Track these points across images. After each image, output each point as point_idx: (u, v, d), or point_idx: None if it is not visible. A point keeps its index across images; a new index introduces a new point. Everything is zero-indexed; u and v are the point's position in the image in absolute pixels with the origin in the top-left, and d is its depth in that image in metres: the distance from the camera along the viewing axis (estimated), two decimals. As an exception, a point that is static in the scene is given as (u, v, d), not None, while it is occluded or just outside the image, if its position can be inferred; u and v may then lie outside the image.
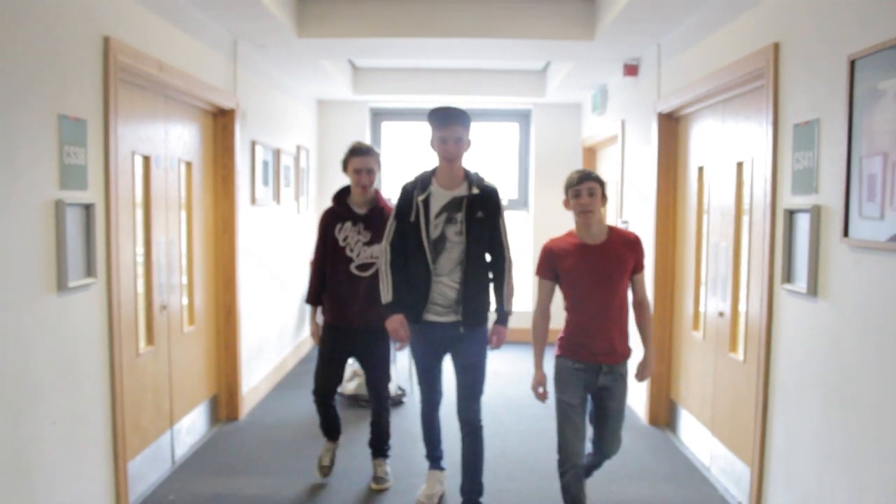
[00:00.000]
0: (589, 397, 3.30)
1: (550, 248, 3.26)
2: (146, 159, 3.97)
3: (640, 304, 3.34)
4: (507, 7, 5.06)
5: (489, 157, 8.50)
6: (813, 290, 2.93)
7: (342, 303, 3.93)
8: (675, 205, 5.02)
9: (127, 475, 3.53)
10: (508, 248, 3.58)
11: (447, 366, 3.75)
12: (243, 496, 3.93)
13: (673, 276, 5.06)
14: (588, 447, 3.41)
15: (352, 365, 5.68)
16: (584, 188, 3.15)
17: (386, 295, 3.56)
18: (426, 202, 3.48)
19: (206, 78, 4.55)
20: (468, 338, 3.53)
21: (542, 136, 8.29)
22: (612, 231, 3.24)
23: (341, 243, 3.91)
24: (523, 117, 8.51)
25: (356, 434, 4.88)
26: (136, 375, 3.84)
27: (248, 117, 5.44)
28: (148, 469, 4.01)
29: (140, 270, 3.93)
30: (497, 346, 3.64)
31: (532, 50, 5.56)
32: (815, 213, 2.89)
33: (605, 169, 7.22)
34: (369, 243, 3.90)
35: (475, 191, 3.48)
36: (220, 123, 5.06)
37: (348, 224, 3.93)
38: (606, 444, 3.38)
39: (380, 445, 4.14)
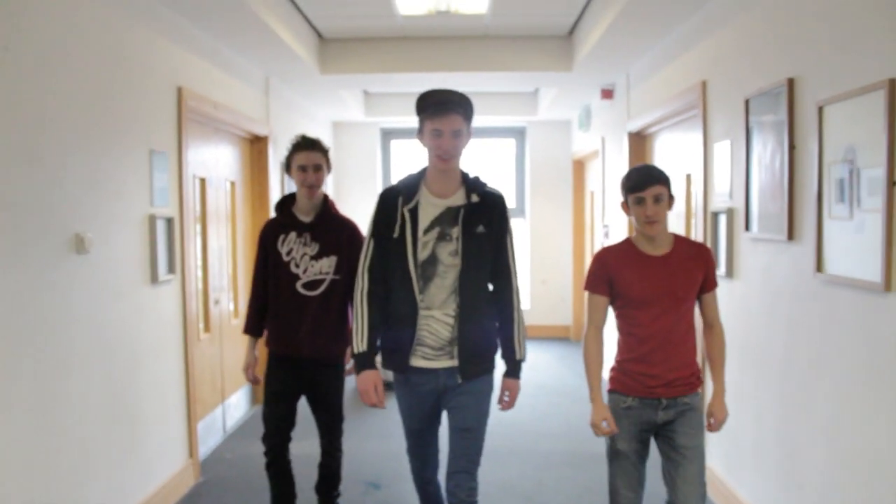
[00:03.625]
0: (652, 443, 2.76)
1: (605, 258, 2.72)
2: (202, 181, 4.88)
3: (710, 328, 2.78)
4: (498, 45, 5.97)
5: (488, 170, 9.39)
6: (730, 273, 3.80)
7: (288, 328, 3.28)
8: (645, 210, 5.89)
9: (197, 434, 4.42)
10: (516, 275, 2.82)
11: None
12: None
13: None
14: None
15: None
16: (649, 195, 2.58)
17: (359, 341, 2.73)
18: (414, 213, 2.71)
19: (245, 110, 5.45)
20: (467, 391, 2.76)
21: (536, 151, 9.19)
22: (678, 240, 2.73)
23: (285, 258, 3.28)
24: (519, 133, 9.41)
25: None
26: (199, 356, 4.73)
27: (279, 142, 6.35)
28: (207, 434, 4.89)
29: (199, 272, 4.83)
30: (509, 408, 2.87)
31: (521, 80, 6.47)
32: (729, 214, 3.77)
33: (591, 179, 8.11)
34: (317, 256, 3.26)
35: (475, 199, 2.72)
36: (256, 148, 5.97)
37: (292, 235, 3.29)
38: (682, 497, 2.63)
39: (329, 490, 3.51)
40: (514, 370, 2.83)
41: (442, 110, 2.64)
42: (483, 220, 2.72)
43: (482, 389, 2.80)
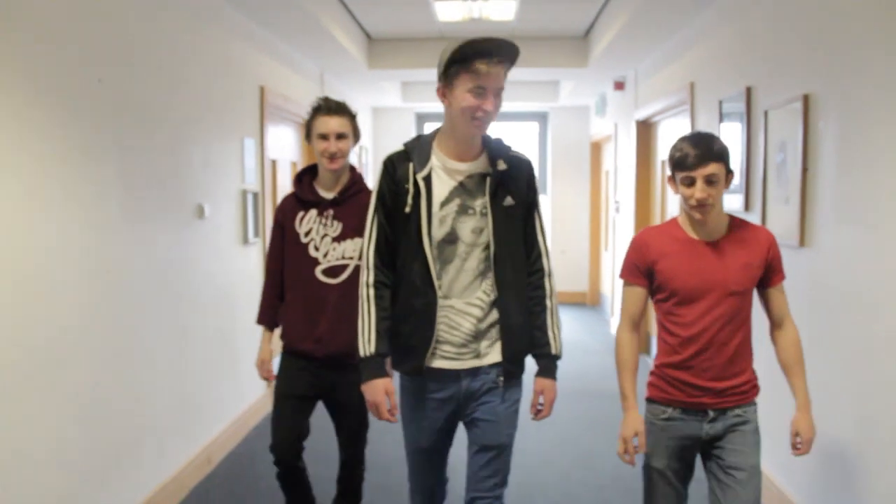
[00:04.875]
0: (699, 462, 2.39)
1: (644, 241, 2.34)
2: (274, 162, 5.84)
3: (779, 329, 2.36)
4: (523, 45, 6.64)
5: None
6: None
7: (305, 320, 2.83)
8: (650, 188, 6.77)
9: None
10: (548, 255, 2.39)
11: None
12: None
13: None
14: None
15: None
16: (700, 176, 2.16)
17: (365, 343, 2.25)
18: (428, 182, 2.24)
19: (303, 100, 6.40)
20: (499, 398, 2.29)
21: (557, 134, 10.07)
22: (735, 223, 2.32)
23: (303, 239, 2.86)
24: (542, 118, 10.29)
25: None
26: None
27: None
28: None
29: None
30: (546, 415, 2.37)
31: (543, 73, 7.35)
32: (707, 191, 4.65)
33: (606, 160, 8.99)
34: (340, 238, 2.83)
35: (502, 166, 2.27)
36: (313, 133, 6.93)
37: (312, 213, 2.87)
38: None
39: None
40: (549, 369, 2.33)
41: (492, 62, 2.12)
42: (512, 190, 2.27)
43: (514, 396, 2.33)
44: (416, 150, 2.29)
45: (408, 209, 2.24)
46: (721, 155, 2.19)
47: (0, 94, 2.46)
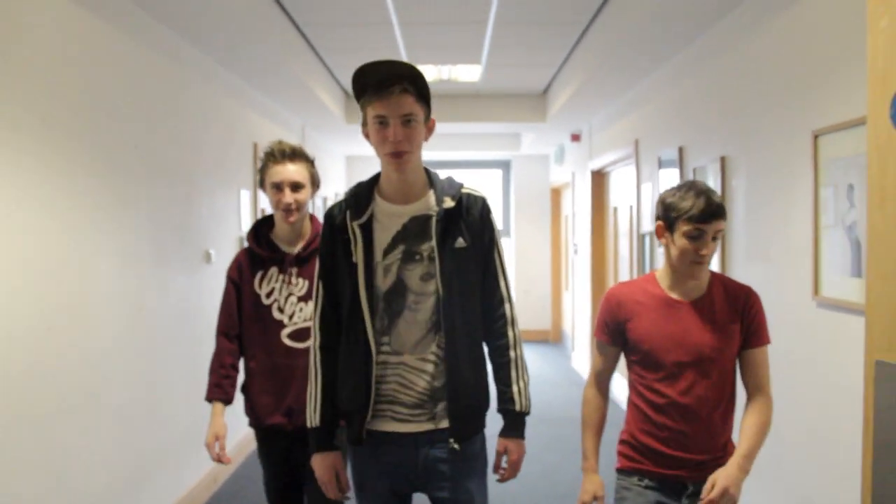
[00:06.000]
0: None
1: (617, 300, 2.20)
2: (263, 210, 6.37)
3: (752, 400, 2.13)
4: (487, 102, 7.57)
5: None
6: (653, 277, 5.35)
7: (272, 391, 2.58)
8: (604, 232, 7.45)
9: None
10: (510, 300, 2.16)
11: None
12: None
13: (602, 277, 7.48)
14: None
15: None
16: (711, 230, 2.04)
17: (311, 413, 2.10)
18: (367, 229, 2.04)
19: (290, 154, 7.00)
20: (460, 460, 2.06)
21: (519, 180, 10.79)
22: (716, 281, 2.18)
23: (265, 300, 2.59)
24: (505, 165, 11.01)
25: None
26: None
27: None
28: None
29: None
30: (510, 477, 2.15)
31: (505, 127, 8.07)
32: (649, 235, 5.32)
33: (565, 206, 9.70)
34: (306, 298, 2.56)
35: (448, 204, 2.03)
36: (295, 182, 7.53)
37: (273, 271, 2.60)
38: None
39: None
40: (513, 426, 2.12)
41: (385, 90, 1.92)
42: (462, 230, 2.05)
43: (478, 454, 2.12)
44: (355, 197, 2.07)
45: (354, 259, 2.02)
46: (724, 210, 2.08)
47: (59, 159, 3.02)
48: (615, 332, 2.20)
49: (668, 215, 2.09)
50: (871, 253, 1.48)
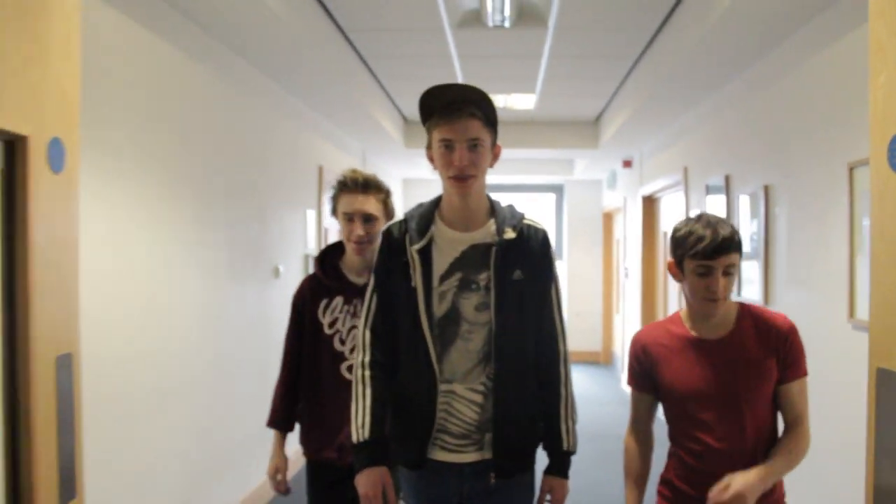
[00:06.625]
0: None
1: (642, 345, 2.12)
2: (326, 230, 6.74)
3: (790, 429, 2.02)
4: (541, 129, 7.82)
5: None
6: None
7: (326, 425, 2.52)
8: (654, 256, 7.59)
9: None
10: (564, 337, 2.16)
11: None
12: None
13: (652, 301, 7.62)
14: None
15: None
16: (721, 266, 1.92)
17: (358, 428, 2.05)
18: (426, 255, 2.03)
19: (351, 177, 7.36)
20: (502, 495, 2.07)
21: (572, 204, 10.98)
22: (744, 314, 2.05)
23: (327, 330, 2.52)
24: (558, 189, 11.22)
25: None
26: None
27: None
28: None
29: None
30: None
31: (559, 153, 8.30)
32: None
33: (617, 230, 9.85)
34: None
35: (509, 234, 2.02)
36: (355, 203, 7.89)
37: (338, 300, 2.53)
38: None
39: None
40: (559, 465, 2.11)
41: (453, 113, 1.94)
42: (521, 262, 2.04)
43: (523, 493, 2.12)
44: (415, 220, 2.06)
45: (413, 283, 2.00)
46: (739, 242, 1.95)
47: (153, 182, 3.37)
48: (644, 379, 2.12)
49: (676, 252, 2.02)
50: (873, 273, 1.66)
